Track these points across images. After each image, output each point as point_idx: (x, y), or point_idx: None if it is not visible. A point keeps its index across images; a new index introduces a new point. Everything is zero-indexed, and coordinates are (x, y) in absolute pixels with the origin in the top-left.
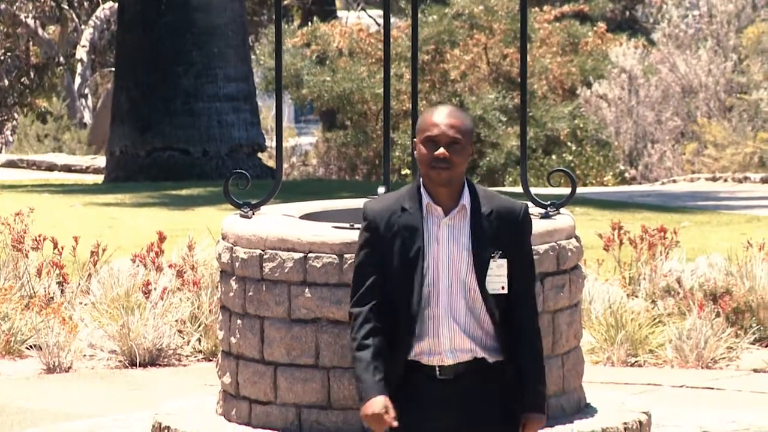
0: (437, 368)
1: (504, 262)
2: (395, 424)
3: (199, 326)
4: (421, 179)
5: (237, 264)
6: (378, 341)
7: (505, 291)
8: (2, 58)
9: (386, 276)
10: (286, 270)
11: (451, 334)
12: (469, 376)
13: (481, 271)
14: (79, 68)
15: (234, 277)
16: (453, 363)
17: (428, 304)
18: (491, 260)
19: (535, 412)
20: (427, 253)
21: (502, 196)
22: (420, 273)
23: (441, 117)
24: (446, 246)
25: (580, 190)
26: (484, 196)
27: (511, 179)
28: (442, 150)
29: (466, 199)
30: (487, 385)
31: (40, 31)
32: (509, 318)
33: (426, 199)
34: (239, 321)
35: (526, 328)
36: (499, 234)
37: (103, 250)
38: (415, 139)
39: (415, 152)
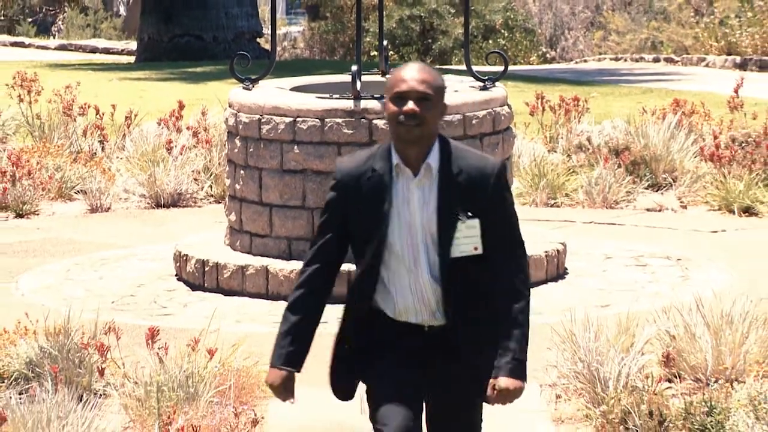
0: (425, 327)
1: (475, 222)
2: (291, 402)
3: (210, 175)
4: (391, 138)
5: (240, 126)
6: (309, 308)
7: (479, 251)
8: None
9: (359, 238)
10: (279, 131)
11: (436, 295)
12: (457, 330)
13: (447, 233)
14: None
15: (238, 137)
16: (439, 324)
17: (407, 266)
18: (459, 221)
19: (515, 379)
20: (398, 215)
21: (476, 153)
22: (394, 236)
23: (411, 73)
24: (417, 207)
25: (511, 68)
26: (456, 155)
27: (457, 59)
28: (411, 105)
29: (433, 159)
30: (476, 337)
31: None
32: (494, 278)
33: (395, 159)
34: (242, 171)
35: (508, 292)
36: (470, 193)
37: (135, 116)
38: (384, 98)
39: (384, 112)
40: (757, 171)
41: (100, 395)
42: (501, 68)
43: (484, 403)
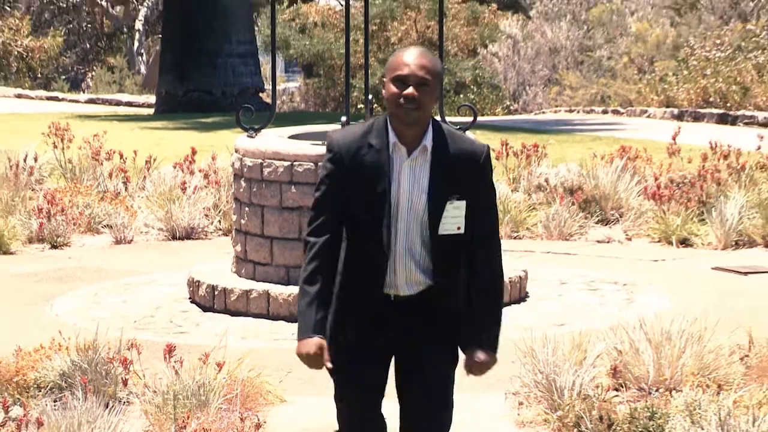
0: (392, 296)
1: (462, 203)
2: (329, 365)
3: (219, 212)
4: (388, 116)
5: (245, 169)
6: (326, 277)
7: (461, 231)
8: (85, 28)
9: (350, 210)
10: (278, 173)
11: (407, 271)
12: (420, 300)
13: (436, 212)
14: (137, 35)
15: (243, 178)
16: (407, 294)
17: (389, 241)
18: (448, 202)
19: (488, 351)
20: (390, 192)
21: (466, 137)
22: (384, 212)
23: (412, 57)
24: (407, 186)
25: (479, 119)
26: (449, 137)
27: (433, 111)
28: (411, 89)
29: (428, 141)
30: (434, 308)
31: (110, 10)
32: (471, 257)
33: (393, 138)
34: (247, 208)
35: (485, 269)
36: (459, 175)
37: (154, 160)
38: (384, 78)
39: (383, 91)
40: (692, 208)
41: (124, 402)
42: (471, 119)
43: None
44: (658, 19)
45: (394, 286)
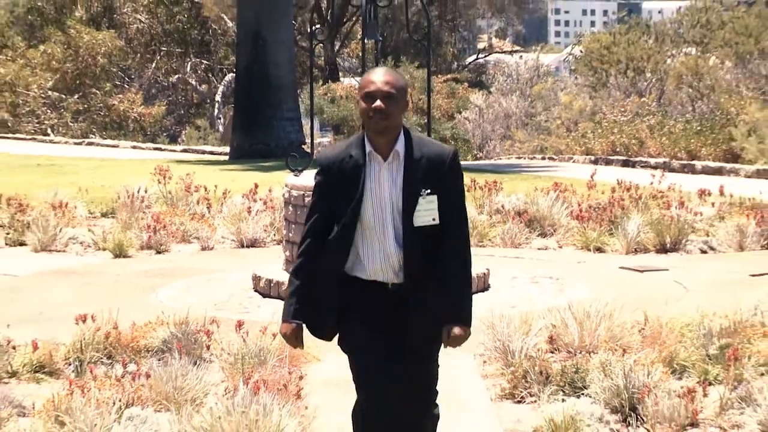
0: (389, 285)
1: (434, 198)
2: (301, 348)
3: (274, 228)
4: (364, 130)
5: (292, 199)
6: (309, 271)
7: (436, 222)
8: (180, 100)
9: (338, 212)
10: None
11: (399, 257)
12: (411, 287)
13: (410, 206)
14: (216, 105)
15: (291, 205)
16: (399, 282)
17: (377, 235)
18: (420, 197)
19: (462, 326)
20: (371, 193)
21: (435, 142)
22: (366, 210)
23: (378, 76)
24: (387, 186)
25: None
26: (418, 143)
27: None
28: (378, 102)
29: (400, 146)
30: (424, 294)
31: (198, 87)
32: (442, 244)
33: (368, 147)
34: (293, 225)
35: (455, 254)
36: (429, 174)
37: (228, 192)
38: (357, 97)
39: (357, 108)
40: (604, 225)
41: (207, 361)
42: None
43: (439, 354)
44: (580, 93)
45: (388, 273)
